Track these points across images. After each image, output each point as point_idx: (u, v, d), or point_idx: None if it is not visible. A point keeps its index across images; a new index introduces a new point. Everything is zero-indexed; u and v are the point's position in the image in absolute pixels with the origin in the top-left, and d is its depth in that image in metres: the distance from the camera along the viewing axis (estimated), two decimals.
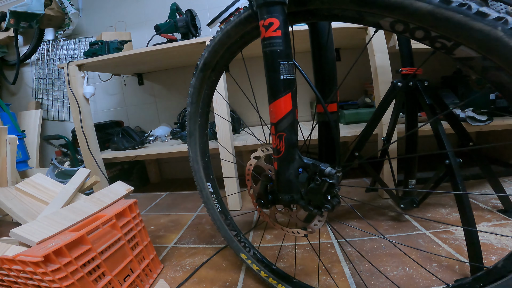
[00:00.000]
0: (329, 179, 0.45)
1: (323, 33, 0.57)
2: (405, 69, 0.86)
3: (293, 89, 0.45)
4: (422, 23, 0.33)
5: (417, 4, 0.32)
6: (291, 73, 0.45)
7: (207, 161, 0.77)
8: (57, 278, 0.54)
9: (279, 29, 0.42)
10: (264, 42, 0.44)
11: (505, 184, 1.15)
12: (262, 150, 0.57)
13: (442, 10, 0.31)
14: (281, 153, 0.47)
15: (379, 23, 0.37)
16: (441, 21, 0.31)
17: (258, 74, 1.70)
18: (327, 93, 0.60)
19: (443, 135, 0.73)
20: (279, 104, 0.45)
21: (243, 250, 0.74)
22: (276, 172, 0.50)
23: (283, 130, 0.46)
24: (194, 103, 0.70)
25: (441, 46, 0.33)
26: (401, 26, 0.35)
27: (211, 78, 0.66)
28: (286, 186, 0.50)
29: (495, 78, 0.31)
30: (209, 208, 0.77)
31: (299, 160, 0.48)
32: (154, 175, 1.92)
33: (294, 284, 0.66)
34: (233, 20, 0.54)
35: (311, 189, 0.47)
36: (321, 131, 0.62)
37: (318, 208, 0.48)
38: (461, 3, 0.30)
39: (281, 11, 0.42)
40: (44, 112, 1.99)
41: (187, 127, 0.73)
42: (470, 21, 0.29)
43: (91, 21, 1.88)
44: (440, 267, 0.70)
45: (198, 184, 0.76)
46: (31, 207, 0.81)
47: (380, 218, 1.00)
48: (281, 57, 0.43)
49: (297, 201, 0.50)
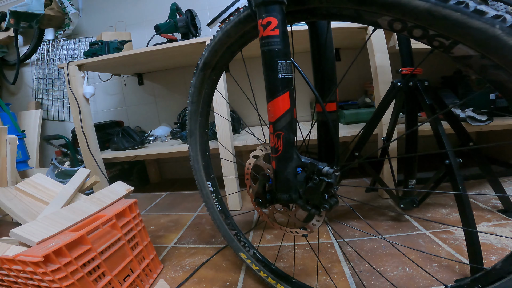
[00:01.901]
0: (327, 179, 0.45)
1: (322, 32, 0.57)
2: (405, 69, 0.86)
3: (291, 88, 0.45)
4: (420, 22, 0.33)
5: (414, 3, 0.32)
6: (289, 72, 0.45)
7: (207, 160, 0.77)
8: (57, 278, 0.54)
9: (277, 28, 0.42)
10: (262, 41, 0.44)
11: (505, 184, 1.15)
12: (261, 149, 0.57)
13: (440, 8, 0.30)
14: (279, 152, 0.47)
15: (377, 21, 0.37)
16: (439, 19, 0.31)
17: (258, 74, 1.70)
18: (327, 93, 0.60)
19: (443, 135, 0.73)
20: (277, 102, 0.45)
21: (242, 249, 0.74)
22: (274, 171, 0.50)
23: (281, 129, 0.46)
24: (195, 102, 0.70)
25: (439, 45, 0.33)
26: (399, 25, 0.35)
27: (212, 77, 0.67)
28: (284, 185, 0.50)
29: (493, 77, 0.31)
30: (209, 207, 0.77)
31: (297, 159, 0.48)
32: (154, 175, 1.92)
33: (293, 284, 0.66)
34: (233, 19, 0.54)
35: (309, 188, 0.47)
36: (320, 131, 0.62)
37: (316, 207, 0.48)
38: (459, 1, 0.30)
39: (279, 10, 0.42)
40: (44, 112, 1.99)
41: (188, 126, 0.73)
42: (467, 19, 0.29)
43: (91, 21, 1.88)
44: (440, 267, 0.70)
45: (198, 183, 0.77)
46: (31, 207, 0.81)
47: (380, 218, 1.00)
48: (279, 56, 0.43)
49: (295, 200, 0.50)
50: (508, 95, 0.31)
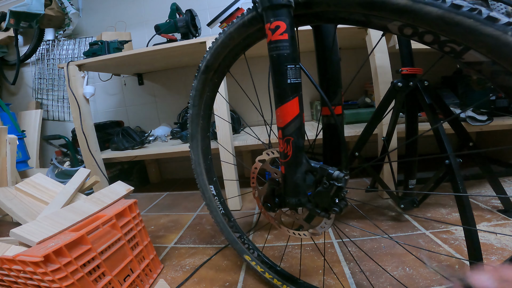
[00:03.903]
0: (337, 183, 0.45)
1: (327, 35, 0.55)
2: (405, 69, 0.86)
3: (300, 93, 0.44)
4: (432, 28, 0.33)
5: (427, 9, 0.32)
6: (298, 77, 0.44)
7: (209, 163, 0.75)
8: (57, 278, 0.54)
9: (285, 32, 0.41)
10: (271, 45, 0.43)
11: (505, 184, 1.15)
12: (267, 154, 0.57)
13: (453, 15, 0.30)
14: (288, 157, 0.47)
15: (387, 26, 0.37)
16: (451, 26, 0.31)
17: (259, 74, 1.70)
18: (332, 96, 0.59)
19: (443, 135, 0.73)
20: (286, 108, 0.44)
21: (247, 251, 0.74)
22: (283, 176, 0.49)
23: (290, 134, 0.45)
24: (196, 105, 0.69)
25: (450, 51, 0.33)
26: (409, 30, 0.35)
27: (213, 80, 0.66)
28: (293, 190, 0.49)
29: (504, 83, 0.31)
30: (212, 210, 0.76)
31: (306, 164, 0.48)
32: (154, 175, 1.92)
33: (299, 285, 0.66)
34: (236, 22, 0.53)
35: (319, 192, 0.47)
36: (325, 134, 0.62)
37: (325, 211, 0.48)
38: (472, 8, 0.29)
39: (288, 14, 0.41)
40: (44, 112, 1.99)
41: (189, 130, 0.72)
42: (480, 26, 0.29)
43: (91, 21, 1.88)
44: (440, 267, 0.70)
45: (200, 186, 0.76)
46: (31, 207, 0.81)
47: (380, 218, 1.00)
48: (288, 60, 0.43)
49: (304, 204, 0.49)
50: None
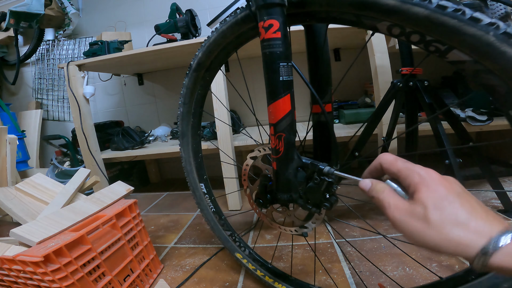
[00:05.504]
0: (328, 178, 0.46)
1: (319, 34, 0.56)
2: (405, 69, 0.86)
3: (292, 90, 0.45)
4: (419, 28, 0.34)
5: (414, 9, 0.32)
6: (290, 75, 0.45)
7: (200, 161, 0.76)
8: (57, 278, 0.54)
9: (278, 30, 0.42)
10: (264, 43, 0.44)
11: (505, 184, 1.15)
12: (259, 150, 0.57)
13: (438, 15, 0.31)
14: (280, 153, 0.48)
15: (376, 26, 0.38)
16: (437, 26, 0.32)
17: (258, 74, 1.70)
18: (323, 94, 0.60)
19: (443, 135, 0.73)
20: (278, 105, 0.45)
21: (238, 249, 0.74)
22: (275, 172, 0.50)
23: (282, 131, 0.46)
24: (187, 103, 0.69)
25: (435, 50, 0.34)
26: (397, 30, 0.36)
27: (205, 78, 0.66)
28: (285, 186, 0.50)
29: (485, 81, 0.32)
30: (203, 208, 0.77)
31: (298, 160, 0.48)
32: (154, 175, 1.92)
33: (291, 282, 0.66)
34: (229, 20, 0.54)
35: (310, 188, 0.48)
36: (316, 131, 0.63)
37: (316, 206, 0.49)
38: (456, 9, 0.30)
39: (281, 13, 0.42)
40: (44, 112, 1.99)
41: (180, 127, 0.72)
42: (463, 26, 0.30)
43: (91, 21, 1.88)
44: (440, 267, 0.70)
45: (191, 185, 0.76)
46: (31, 207, 0.81)
47: (380, 218, 1.00)
48: (281, 58, 0.43)
49: (296, 200, 0.50)
50: (499, 98, 0.32)
